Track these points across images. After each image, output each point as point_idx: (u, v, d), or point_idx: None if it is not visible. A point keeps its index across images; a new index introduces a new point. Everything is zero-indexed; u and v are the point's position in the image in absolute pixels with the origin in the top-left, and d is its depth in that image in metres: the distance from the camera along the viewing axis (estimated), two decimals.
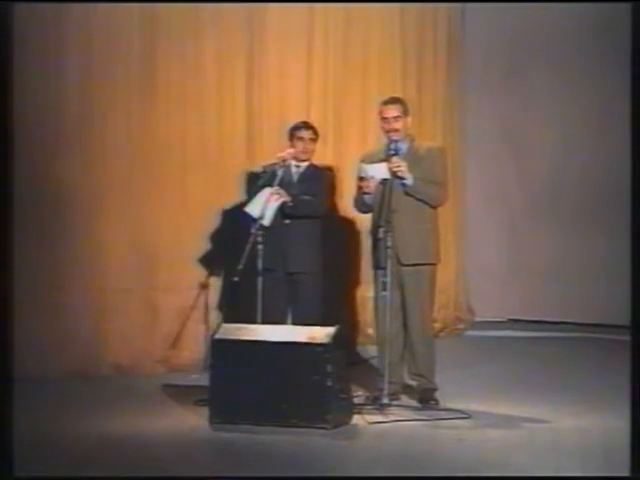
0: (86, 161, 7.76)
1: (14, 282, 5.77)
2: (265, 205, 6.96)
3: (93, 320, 7.76)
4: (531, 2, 9.78)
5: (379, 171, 6.64)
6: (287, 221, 7.13)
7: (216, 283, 8.15)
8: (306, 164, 7.30)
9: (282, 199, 7.04)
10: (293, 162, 7.26)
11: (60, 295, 7.63)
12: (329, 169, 8.05)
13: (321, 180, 7.38)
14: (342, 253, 8.39)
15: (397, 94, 7.36)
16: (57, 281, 7.63)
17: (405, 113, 6.83)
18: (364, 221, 7.25)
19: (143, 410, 6.61)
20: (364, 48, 9.12)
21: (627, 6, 6.08)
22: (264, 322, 6.74)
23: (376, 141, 8.10)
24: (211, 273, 8.11)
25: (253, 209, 7.02)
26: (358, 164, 6.81)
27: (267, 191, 7.02)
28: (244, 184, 8.03)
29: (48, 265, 7.59)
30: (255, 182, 7.30)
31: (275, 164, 7.16)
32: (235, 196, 8.02)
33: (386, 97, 7.00)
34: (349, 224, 8.33)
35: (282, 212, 7.08)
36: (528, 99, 10.12)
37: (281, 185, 7.06)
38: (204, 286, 8.09)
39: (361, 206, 6.89)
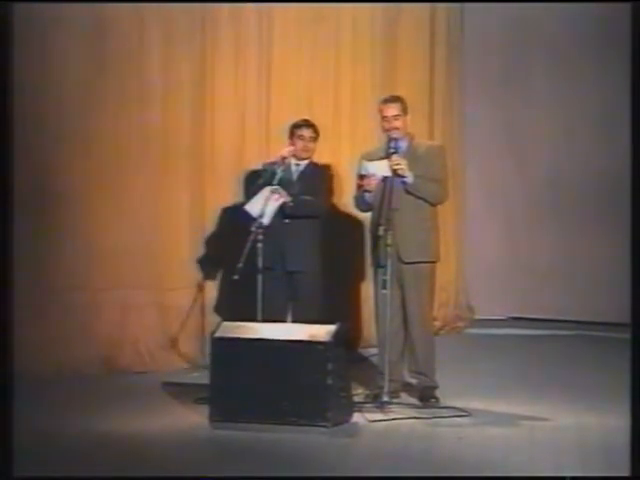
0: (70, 160, 7.72)
1: (14, 281, 5.75)
2: (265, 204, 6.95)
3: (91, 319, 7.76)
4: (531, 2, 9.78)
5: (380, 168, 6.64)
6: (287, 220, 7.12)
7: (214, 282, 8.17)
8: (306, 162, 7.29)
9: (282, 199, 7.03)
10: (293, 160, 7.25)
11: (59, 295, 7.62)
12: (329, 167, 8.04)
13: (321, 179, 7.37)
14: (342, 251, 8.38)
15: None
16: (56, 281, 7.62)
17: (405, 111, 6.83)
18: (364, 219, 7.24)
19: (143, 409, 6.61)
20: (336, 47, 8.86)
21: (627, 6, 6.08)
22: (264, 320, 6.74)
23: (350, 146, 8.30)
24: (207, 274, 8.13)
25: (253, 208, 7.01)
26: (359, 161, 6.80)
27: (267, 190, 7.01)
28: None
29: (48, 265, 7.59)
30: (255, 180, 7.29)
31: (275, 162, 7.15)
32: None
33: (386, 95, 7.02)
34: (350, 222, 8.32)
35: (282, 211, 7.07)
36: (528, 97, 10.12)
37: (281, 184, 7.04)
38: (200, 285, 8.10)
39: (361, 205, 6.89)
